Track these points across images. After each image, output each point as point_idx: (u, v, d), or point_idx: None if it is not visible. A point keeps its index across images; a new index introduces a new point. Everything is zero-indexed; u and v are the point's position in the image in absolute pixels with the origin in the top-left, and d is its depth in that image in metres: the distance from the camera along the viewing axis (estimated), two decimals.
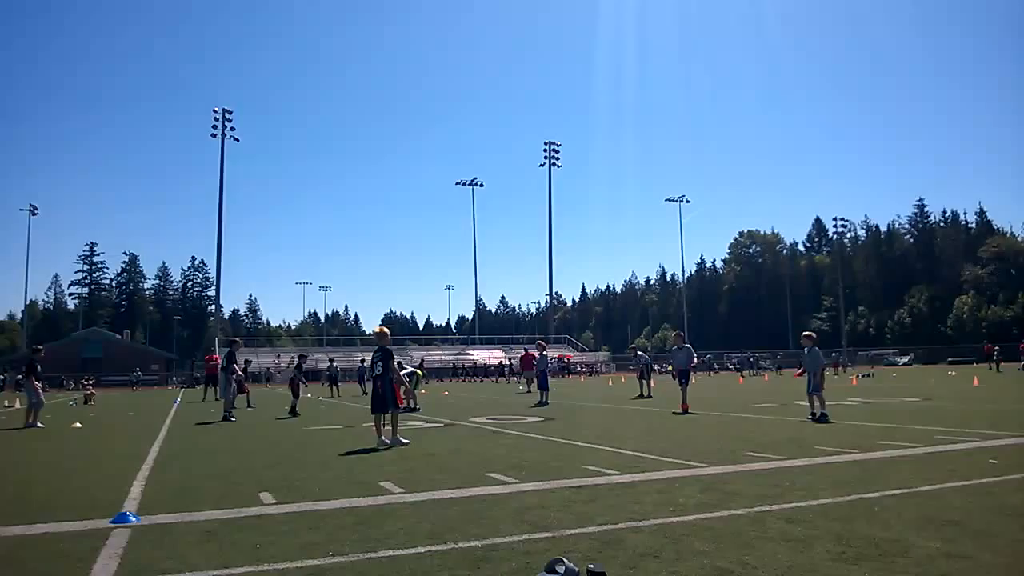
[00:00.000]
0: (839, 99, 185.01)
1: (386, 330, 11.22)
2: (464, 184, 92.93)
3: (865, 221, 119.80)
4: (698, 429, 11.84)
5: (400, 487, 6.75)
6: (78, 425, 16.51)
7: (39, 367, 16.82)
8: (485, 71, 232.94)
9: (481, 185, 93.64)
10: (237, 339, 19.73)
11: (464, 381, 56.09)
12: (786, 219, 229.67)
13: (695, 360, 15.99)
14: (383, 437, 10.45)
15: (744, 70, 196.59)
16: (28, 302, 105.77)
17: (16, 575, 4.17)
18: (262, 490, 6.78)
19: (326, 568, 4.12)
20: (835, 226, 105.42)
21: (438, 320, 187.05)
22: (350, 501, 6.15)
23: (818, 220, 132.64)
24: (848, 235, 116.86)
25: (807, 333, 14.16)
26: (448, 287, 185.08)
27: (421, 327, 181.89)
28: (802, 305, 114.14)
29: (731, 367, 69.70)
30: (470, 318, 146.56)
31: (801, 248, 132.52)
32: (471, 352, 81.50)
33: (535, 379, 22.36)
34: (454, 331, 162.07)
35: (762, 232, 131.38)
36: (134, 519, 5.54)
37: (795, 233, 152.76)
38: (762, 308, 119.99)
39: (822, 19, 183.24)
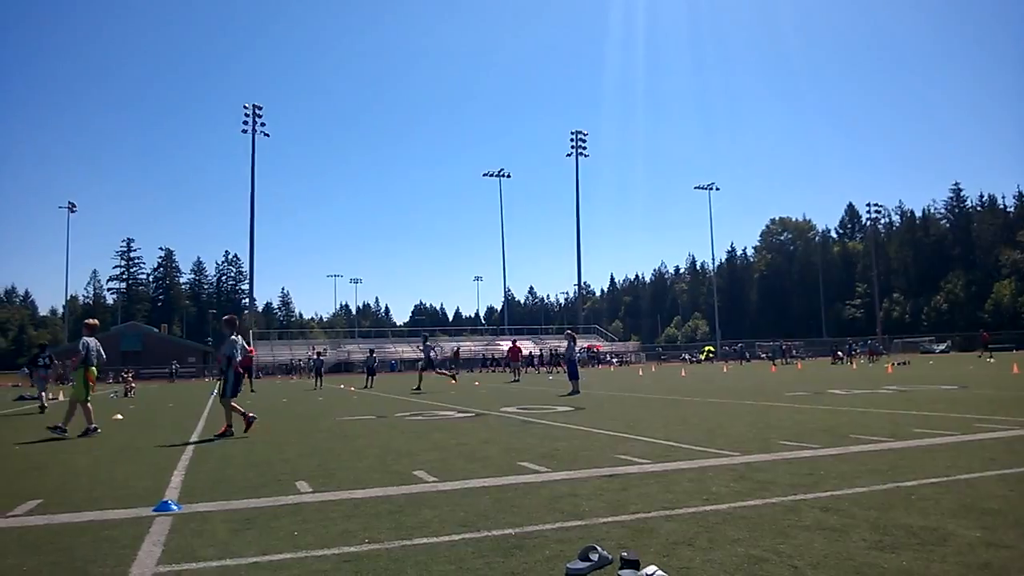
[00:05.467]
0: (871, 83, 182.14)
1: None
2: (491, 175, 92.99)
3: (899, 206, 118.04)
4: (730, 418, 11.76)
5: (433, 476, 6.81)
6: (119, 417, 16.85)
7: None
8: (510, 63, 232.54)
9: (508, 176, 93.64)
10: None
11: (494, 371, 56.22)
12: (818, 205, 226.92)
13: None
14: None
15: (775, 55, 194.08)
16: (69, 297, 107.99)
17: (65, 560, 4.29)
18: (298, 479, 6.89)
19: (362, 555, 4.18)
20: (868, 212, 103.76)
21: (467, 311, 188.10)
22: (384, 490, 6.22)
23: (851, 206, 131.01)
24: (882, 221, 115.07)
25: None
26: (477, 278, 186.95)
27: (451, 318, 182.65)
28: (835, 292, 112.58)
29: (763, 356, 69.08)
30: (499, 309, 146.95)
31: (834, 235, 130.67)
32: (500, 343, 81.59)
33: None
34: (483, 322, 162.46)
35: (794, 219, 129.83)
36: (175, 507, 5.66)
37: (827, 219, 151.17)
38: (794, 296, 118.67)
39: (855, 1, 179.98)
